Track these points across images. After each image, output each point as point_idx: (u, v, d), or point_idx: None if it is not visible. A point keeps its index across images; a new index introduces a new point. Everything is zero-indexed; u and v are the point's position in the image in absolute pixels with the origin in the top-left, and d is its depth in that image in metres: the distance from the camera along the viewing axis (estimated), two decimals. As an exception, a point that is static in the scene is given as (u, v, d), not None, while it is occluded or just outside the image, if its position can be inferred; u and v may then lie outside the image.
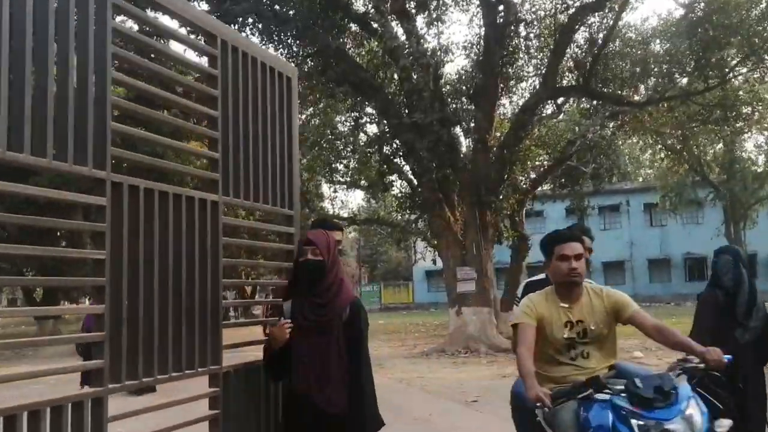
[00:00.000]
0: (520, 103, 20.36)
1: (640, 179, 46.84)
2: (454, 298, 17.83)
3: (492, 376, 12.80)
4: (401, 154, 18.64)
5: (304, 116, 28.58)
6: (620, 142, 27.28)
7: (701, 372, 3.40)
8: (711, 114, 20.66)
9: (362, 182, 28.34)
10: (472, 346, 16.93)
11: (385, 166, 19.36)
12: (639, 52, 19.71)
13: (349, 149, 26.13)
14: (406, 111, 17.54)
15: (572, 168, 22.52)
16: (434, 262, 21.54)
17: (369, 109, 20.70)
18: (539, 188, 23.67)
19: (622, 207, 47.49)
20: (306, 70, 19.09)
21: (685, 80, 19.46)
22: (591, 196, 27.66)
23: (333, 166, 28.24)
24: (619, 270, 47.40)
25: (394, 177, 20.82)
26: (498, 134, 19.05)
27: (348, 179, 28.51)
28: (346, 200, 57.99)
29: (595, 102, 20.74)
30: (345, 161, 28.21)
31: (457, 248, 17.88)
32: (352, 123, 24.60)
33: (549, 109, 21.79)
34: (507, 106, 22.45)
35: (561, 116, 22.89)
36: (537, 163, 22.17)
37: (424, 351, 17.67)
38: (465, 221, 18.18)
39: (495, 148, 18.25)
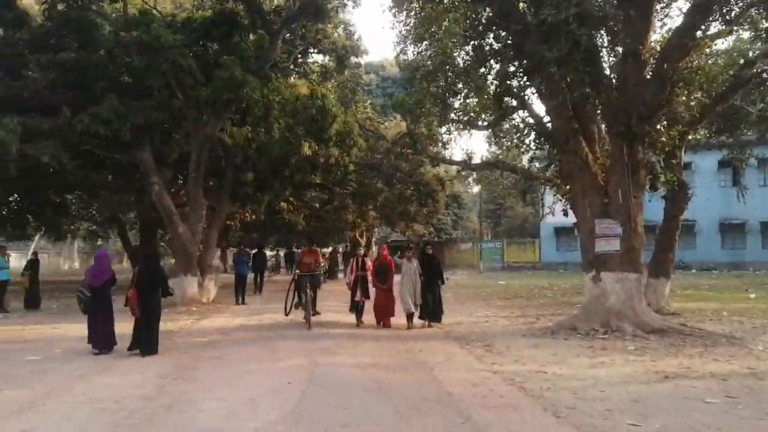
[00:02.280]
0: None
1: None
2: (590, 260, 13.54)
3: (647, 376, 8.64)
4: (524, 72, 14.32)
5: (418, 48, 24.95)
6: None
7: None
8: None
9: (481, 121, 24.20)
10: (613, 323, 12.68)
11: (502, 89, 15.08)
12: None
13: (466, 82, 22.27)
14: (533, 12, 13.21)
15: (734, 109, 17.40)
16: (565, 213, 17.23)
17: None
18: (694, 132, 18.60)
19: (787, 159, 40.32)
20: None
21: None
22: (753, 146, 22.42)
23: (448, 101, 24.25)
24: (781, 231, 40.78)
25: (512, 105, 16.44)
26: (655, 45, 14.28)
27: (465, 118, 24.40)
28: (463, 143, 53.61)
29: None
30: (462, 95, 24.20)
31: (597, 195, 13.55)
32: (473, 55, 20.84)
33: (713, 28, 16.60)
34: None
35: (729, 39, 17.66)
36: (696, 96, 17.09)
37: (548, 327, 13.57)
38: (608, 160, 13.80)
39: (651, 63, 13.57)
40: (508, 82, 14.83)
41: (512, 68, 14.68)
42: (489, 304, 19.91)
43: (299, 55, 24.17)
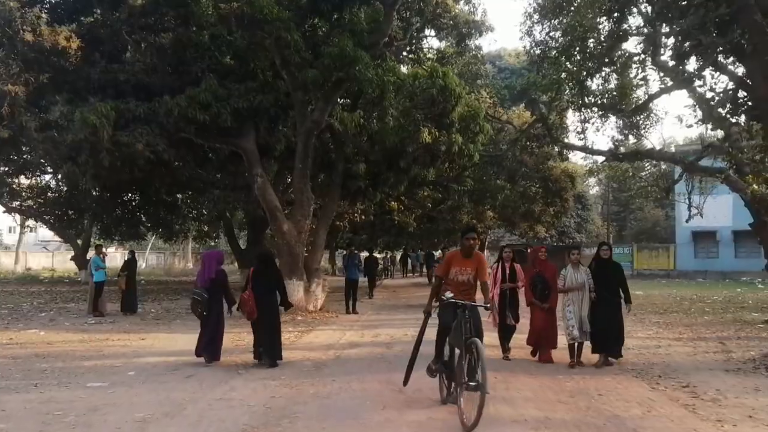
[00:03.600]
0: None
1: None
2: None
3: None
4: (717, 26, 11.10)
5: (548, 26, 22.30)
6: None
7: None
8: None
9: (623, 105, 20.92)
10: None
11: (681, 50, 11.86)
12: None
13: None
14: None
15: None
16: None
17: None
18: None
19: None
20: None
21: None
22: None
23: (585, 83, 21.14)
24: None
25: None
26: None
27: (604, 100, 21.16)
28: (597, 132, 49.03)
29: None
30: (601, 76, 21.07)
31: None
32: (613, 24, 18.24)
33: None
34: None
35: None
36: None
37: (752, 358, 10.29)
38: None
39: None
40: (690, 42, 11.65)
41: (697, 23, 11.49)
42: (642, 321, 16.58)
43: (415, 33, 21.52)
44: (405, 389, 7.65)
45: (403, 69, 22.71)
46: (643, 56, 18.63)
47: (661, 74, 19.29)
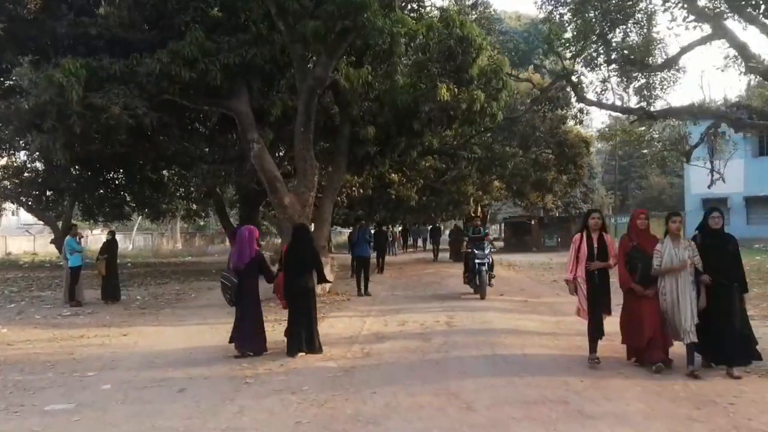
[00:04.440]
0: None
1: None
2: None
3: None
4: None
5: None
6: None
7: None
8: None
9: (650, 59, 19.01)
10: None
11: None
12: None
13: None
14: None
15: None
16: None
17: None
18: None
19: None
20: None
21: None
22: None
23: (608, 37, 19.24)
24: None
25: None
26: None
27: (625, 53, 19.22)
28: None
29: None
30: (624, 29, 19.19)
31: None
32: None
33: None
34: None
35: None
36: None
37: None
38: None
39: None
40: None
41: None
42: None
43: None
44: (475, 405, 5.67)
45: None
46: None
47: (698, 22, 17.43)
